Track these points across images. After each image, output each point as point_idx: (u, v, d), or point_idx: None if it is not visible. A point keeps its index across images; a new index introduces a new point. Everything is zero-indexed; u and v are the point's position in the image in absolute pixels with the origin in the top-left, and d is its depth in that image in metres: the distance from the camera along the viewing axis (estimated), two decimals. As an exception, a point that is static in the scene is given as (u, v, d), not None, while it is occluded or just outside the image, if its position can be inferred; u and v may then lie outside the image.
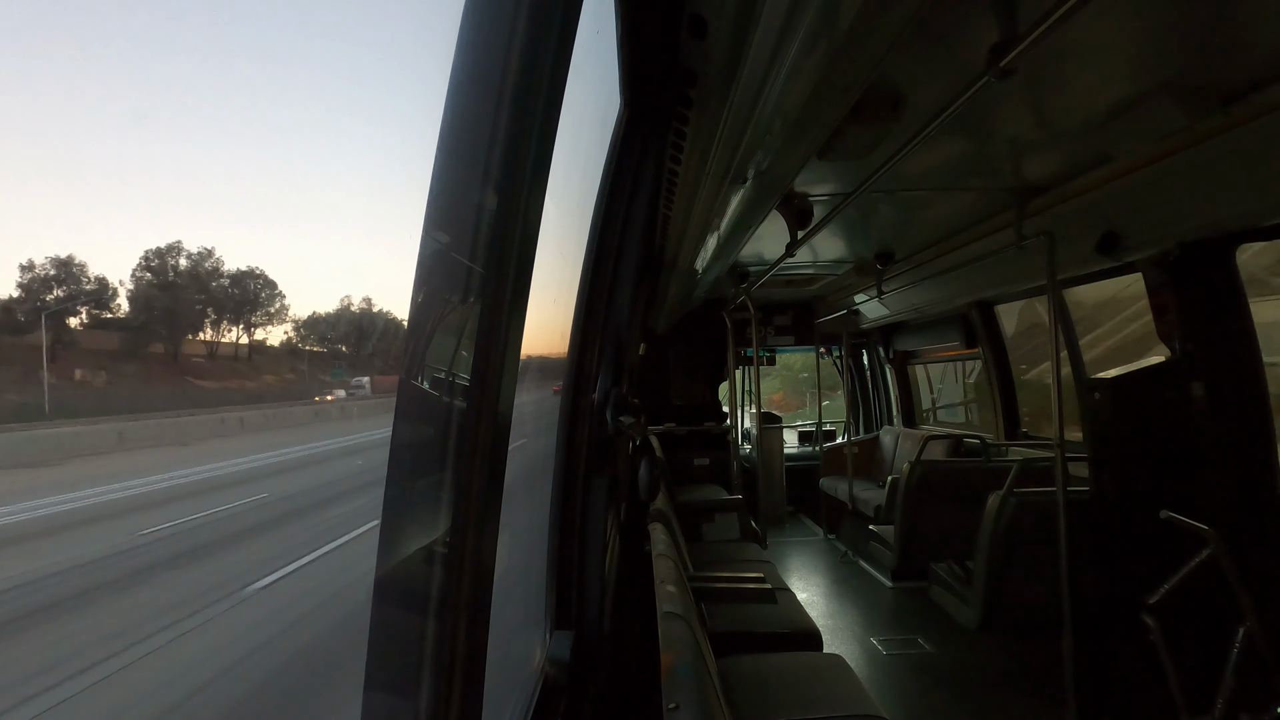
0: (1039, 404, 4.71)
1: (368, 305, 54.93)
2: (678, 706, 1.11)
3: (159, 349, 39.03)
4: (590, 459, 1.62)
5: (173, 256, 40.82)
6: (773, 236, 3.06)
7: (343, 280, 78.95)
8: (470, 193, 0.60)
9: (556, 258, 1.43)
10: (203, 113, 60.58)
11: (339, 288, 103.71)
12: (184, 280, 40.61)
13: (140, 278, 39.29)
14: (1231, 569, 2.01)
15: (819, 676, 2.15)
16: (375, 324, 53.14)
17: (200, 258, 42.29)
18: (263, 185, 65.17)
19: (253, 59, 61.10)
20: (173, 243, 41.28)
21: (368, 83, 74.74)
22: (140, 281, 39.08)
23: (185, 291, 39.78)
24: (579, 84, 0.89)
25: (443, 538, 0.60)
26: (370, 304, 55.18)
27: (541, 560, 1.57)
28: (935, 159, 2.34)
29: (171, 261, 40.70)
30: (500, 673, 1.08)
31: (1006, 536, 2.95)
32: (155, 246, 41.73)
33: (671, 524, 2.83)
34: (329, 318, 53.36)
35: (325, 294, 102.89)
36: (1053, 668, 2.57)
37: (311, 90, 67.18)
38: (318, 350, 52.86)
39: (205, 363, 42.64)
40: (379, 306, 54.99)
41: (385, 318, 54.14)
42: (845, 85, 1.32)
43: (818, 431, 6.72)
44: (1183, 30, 1.49)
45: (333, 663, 4.51)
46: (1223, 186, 2.05)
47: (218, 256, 43.42)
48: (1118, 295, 3.88)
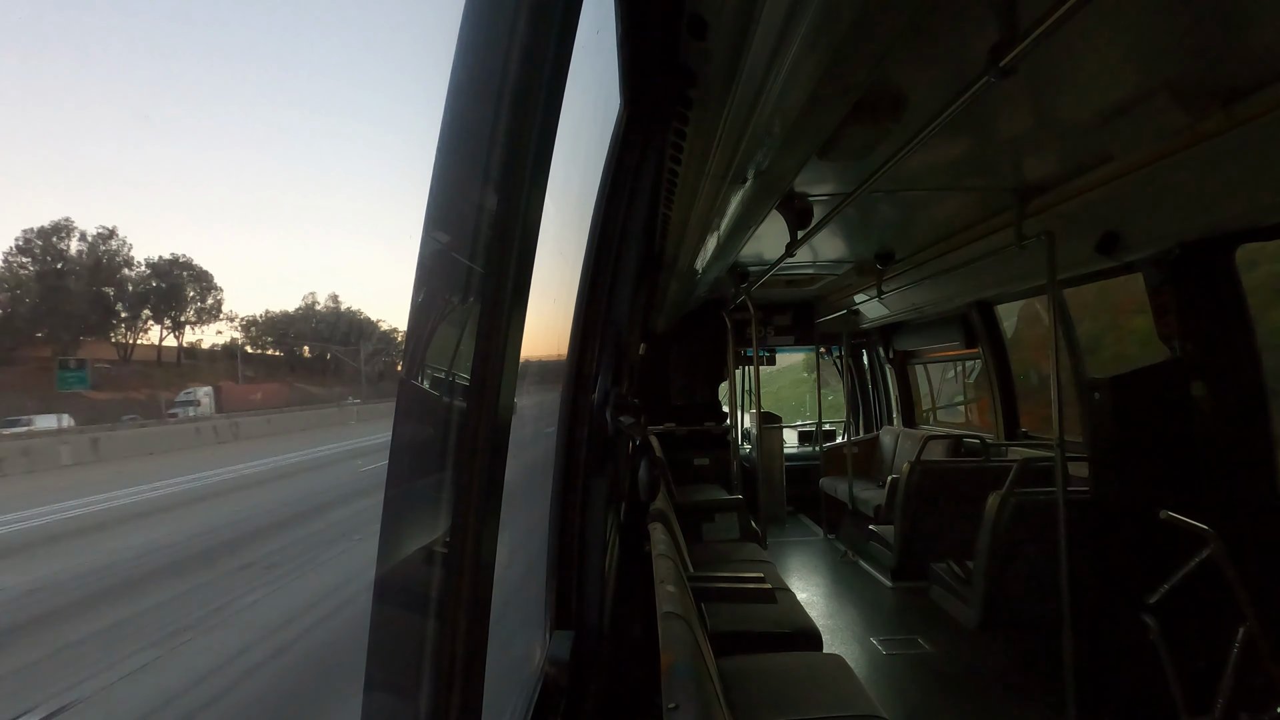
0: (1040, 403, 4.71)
1: (335, 303, 49.67)
2: (678, 706, 1.11)
3: (44, 352, 29.93)
4: (590, 459, 1.62)
5: (61, 238, 31.41)
6: (773, 236, 3.06)
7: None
8: (470, 193, 0.60)
9: (556, 258, 1.43)
10: (202, 112, 60.59)
11: (319, 287, 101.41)
12: (77, 268, 31.63)
13: (12, 263, 30.08)
14: (1231, 569, 2.01)
15: (819, 676, 2.15)
16: (341, 324, 48.18)
17: (100, 239, 33.43)
18: (260, 186, 65.15)
19: (252, 59, 61.10)
20: (60, 220, 32.15)
21: (368, 82, 74.74)
22: (12, 267, 30.00)
23: (74, 280, 30.64)
24: (579, 84, 0.89)
25: (443, 538, 0.60)
26: (338, 301, 49.98)
27: (541, 560, 1.57)
28: (935, 159, 2.34)
29: (60, 244, 31.42)
30: (500, 673, 1.08)
31: (1006, 536, 2.95)
32: (38, 225, 32.20)
33: (671, 524, 2.83)
34: (284, 318, 47.13)
35: (297, 292, 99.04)
36: (1053, 668, 2.57)
37: (311, 90, 67.18)
38: (274, 354, 46.98)
39: (111, 370, 33.57)
40: (350, 305, 50.49)
41: (355, 317, 49.41)
42: (845, 85, 1.32)
43: (818, 431, 6.72)
44: (1183, 30, 1.49)
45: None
46: (1223, 186, 2.05)
47: (123, 239, 34.91)
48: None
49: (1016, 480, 3.00)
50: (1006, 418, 4.44)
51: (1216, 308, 2.54)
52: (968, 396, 5.60)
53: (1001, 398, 4.46)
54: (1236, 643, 2.02)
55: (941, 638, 3.38)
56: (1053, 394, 2.61)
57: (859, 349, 6.72)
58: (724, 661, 2.19)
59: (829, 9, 1.02)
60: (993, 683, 2.94)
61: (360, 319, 51.02)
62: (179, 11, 55.31)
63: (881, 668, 3.13)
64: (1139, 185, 2.25)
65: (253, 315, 47.43)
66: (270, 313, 47.99)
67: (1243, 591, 2.00)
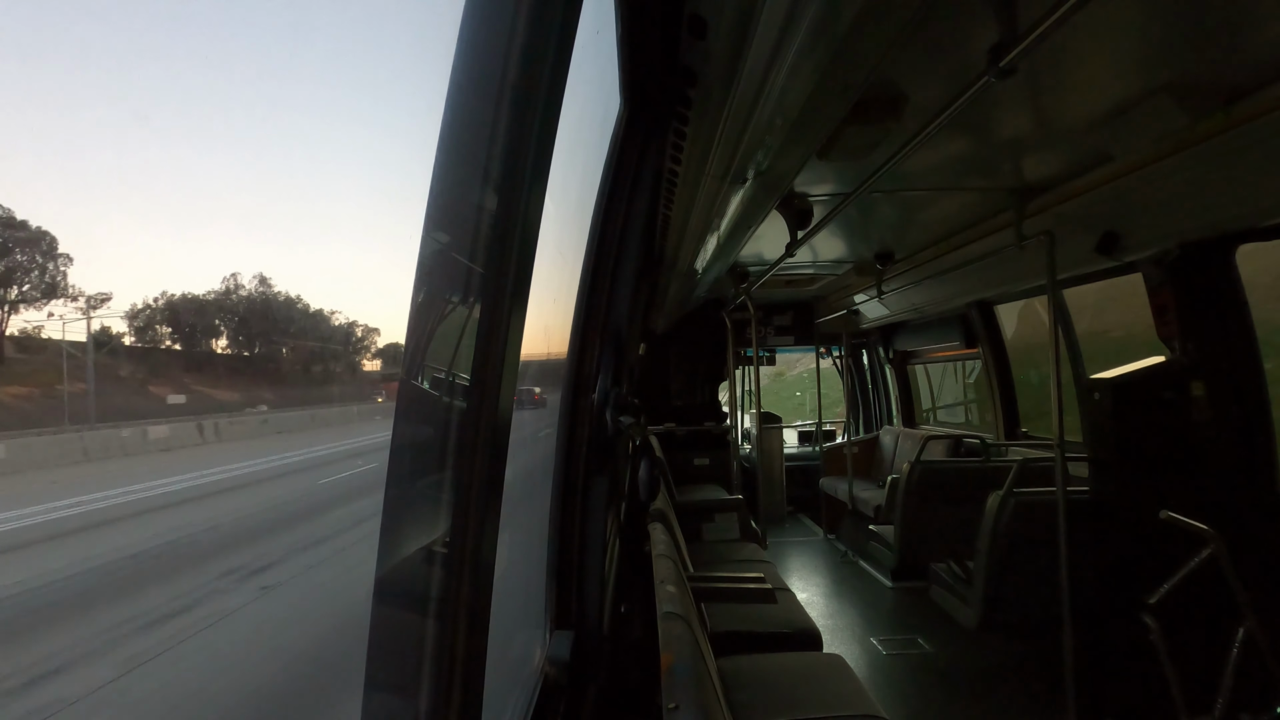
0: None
1: (264, 286, 39.72)
2: (678, 706, 1.11)
3: None
4: (590, 459, 1.62)
5: None
6: (773, 236, 3.06)
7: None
8: (470, 193, 0.60)
9: (556, 258, 1.43)
10: (202, 112, 60.58)
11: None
12: None
13: None
14: (1231, 569, 2.01)
15: (819, 676, 2.15)
16: (273, 313, 38.92)
17: None
18: (258, 189, 65.09)
19: (252, 58, 61.10)
20: None
21: (368, 82, 74.73)
22: None
23: None
24: (579, 84, 0.89)
25: (443, 538, 0.60)
26: (268, 284, 39.94)
27: (541, 560, 1.57)
28: (935, 159, 2.34)
29: None
30: (500, 673, 1.08)
31: (1006, 536, 2.95)
32: None
33: (671, 524, 2.83)
34: (190, 303, 37.43)
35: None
36: (1053, 668, 2.57)
37: (312, 89, 67.19)
38: (174, 348, 37.54)
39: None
40: (289, 292, 40.60)
41: (295, 306, 39.77)
42: (845, 85, 1.32)
43: (818, 431, 6.73)
44: (1183, 30, 1.49)
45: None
46: (1223, 186, 2.05)
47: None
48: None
49: (1016, 480, 3.00)
50: (1006, 418, 4.44)
51: (1216, 308, 2.54)
52: (967, 396, 5.61)
53: (1001, 398, 4.46)
54: (1236, 643, 2.02)
55: (941, 638, 3.38)
56: (1053, 394, 2.61)
57: (859, 349, 6.72)
58: (724, 661, 2.19)
59: (829, 9, 1.02)
60: (993, 683, 2.94)
61: (300, 307, 41.98)
62: (179, 10, 55.33)
63: (881, 668, 3.13)
64: (1139, 185, 2.25)
65: (147, 300, 37.80)
66: (171, 296, 38.12)
67: (1243, 591, 2.00)
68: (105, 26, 53.66)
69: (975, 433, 4.94)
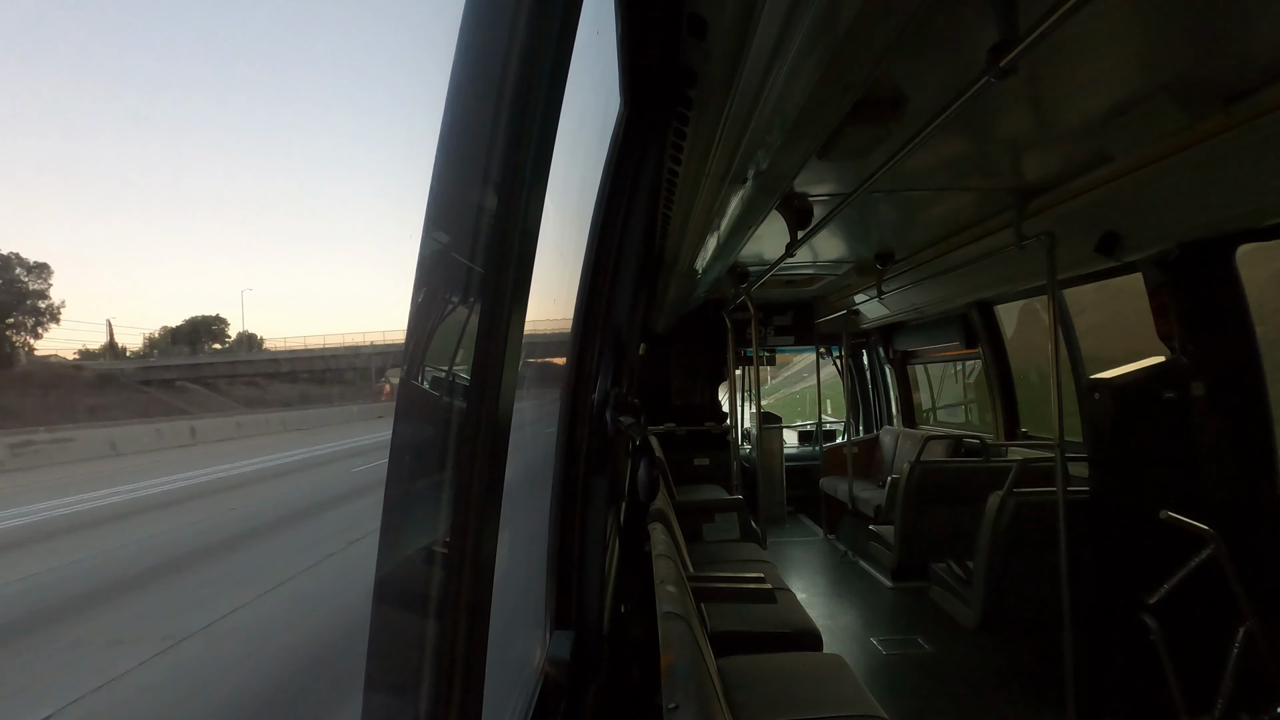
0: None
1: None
2: (678, 706, 1.11)
3: None
4: (590, 459, 1.61)
5: None
6: (773, 236, 3.06)
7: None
8: (470, 193, 0.60)
9: (556, 258, 1.43)
10: (201, 113, 60.57)
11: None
12: None
13: None
14: (1231, 569, 2.01)
15: (819, 676, 2.15)
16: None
17: None
18: (257, 189, 65.00)
19: (253, 58, 61.09)
20: None
21: (368, 82, 74.72)
22: None
23: None
24: (579, 84, 0.89)
25: (443, 538, 0.60)
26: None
27: (541, 560, 1.57)
28: (935, 159, 2.34)
29: None
30: (500, 673, 1.08)
31: (1006, 536, 2.95)
32: None
33: (671, 524, 2.83)
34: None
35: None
36: (1053, 668, 2.57)
37: (311, 89, 67.18)
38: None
39: None
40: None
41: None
42: (845, 85, 1.32)
43: (818, 431, 6.73)
44: (1183, 30, 1.49)
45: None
46: (1223, 186, 2.05)
47: None
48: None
49: (1016, 480, 3.00)
50: (1006, 418, 4.44)
51: (1216, 308, 2.54)
52: (967, 397, 5.61)
53: (1001, 398, 4.46)
54: (1236, 643, 2.02)
55: (941, 638, 3.38)
56: (1052, 394, 2.61)
57: (859, 349, 6.72)
58: (724, 661, 2.19)
59: (829, 9, 1.02)
60: (993, 683, 2.94)
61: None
62: (179, 10, 55.31)
63: (881, 668, 3.13)
64: (1139, 185, 2.25)
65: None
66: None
67: (1243, 591, 2.00)
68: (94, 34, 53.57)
69: (975, 433, 4.94)
